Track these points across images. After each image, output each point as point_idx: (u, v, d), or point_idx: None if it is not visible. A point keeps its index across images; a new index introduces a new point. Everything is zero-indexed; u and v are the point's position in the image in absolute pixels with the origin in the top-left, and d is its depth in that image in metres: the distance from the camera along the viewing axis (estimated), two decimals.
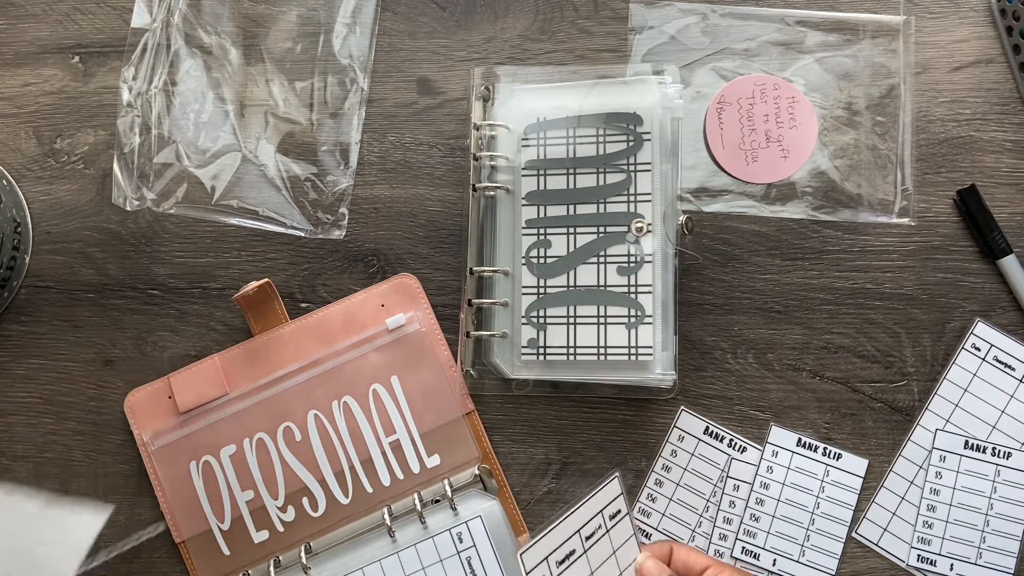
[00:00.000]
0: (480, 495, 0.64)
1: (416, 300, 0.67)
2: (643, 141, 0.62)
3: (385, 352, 0.66)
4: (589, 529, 0.54)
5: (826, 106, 0.64)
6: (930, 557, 0.63)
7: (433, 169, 0.68)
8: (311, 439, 0.65)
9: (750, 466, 0.65)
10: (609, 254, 0.62)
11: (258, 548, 0.65)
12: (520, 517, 0.65)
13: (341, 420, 0.65)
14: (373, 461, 0.65)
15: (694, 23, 0.65)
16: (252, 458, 0.65)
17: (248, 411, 0.65)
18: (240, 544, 0.65)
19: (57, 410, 0.68)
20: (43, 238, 0.70)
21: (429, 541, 0.62)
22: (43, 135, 0.71)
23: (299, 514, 0.65)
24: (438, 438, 0.65)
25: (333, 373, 0.66)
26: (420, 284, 0.67)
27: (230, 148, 0.68)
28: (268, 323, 0.67)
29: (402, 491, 0.65)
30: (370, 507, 0.65)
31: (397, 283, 0.67)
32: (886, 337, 0.65)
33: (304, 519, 0.65)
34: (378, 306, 0.67)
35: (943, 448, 0.64)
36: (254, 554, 0.65)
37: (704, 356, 0.66)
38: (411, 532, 0.63)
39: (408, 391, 0.66)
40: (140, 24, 0.68)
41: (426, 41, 0.69)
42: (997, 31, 0.66)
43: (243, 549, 0.65)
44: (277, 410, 0.66)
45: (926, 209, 0.66)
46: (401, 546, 0.63)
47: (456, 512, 0.63)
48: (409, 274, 0.67)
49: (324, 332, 0.66)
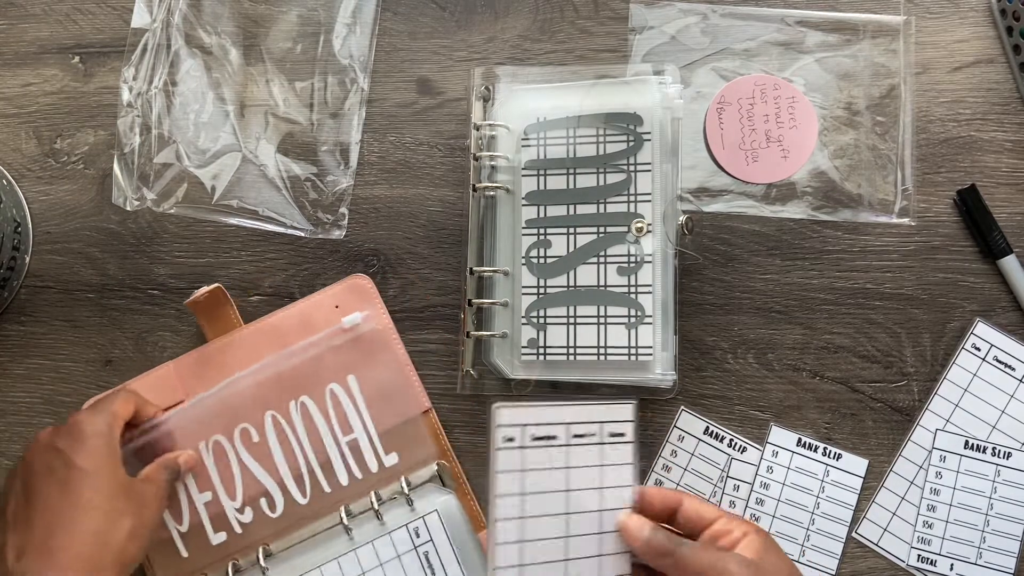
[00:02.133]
0: (437, 490, 0.64)
1: (370, 300, 0.67)
2: (643, 141, 0.62)
3: (342, 352, 0.66)
4: (581, 429, 0.52)
5: (826, 106, 0.64)
6: (930, 557, 0.63)
7: (433, 169, 0.68)
8: (268, 440, 0.65)
9: (750, 466, 0.65)
10: (609, 254, 0.62)
11: (216, 550, 0.64)
12: (480, 513, 0.65)
13: (298, 420, 0.65)
14: (331, 461, 0.65)
15: (694, 23, 0.65)
16: (209, 460, 0.65)
17: (204, 414, 0.65)
18: (198, 546, 0.65)
19: (57, 410, 0.68)
20: (43, 238, 0.70)
21: (386, 537, 0.63)
22: (43, 135, 0.71)
23: (257, 515, 0.65)
24: (396, 437, 0.65)
25: (289, 374, 0.65)
26: (374, 284, 0.67)
27: (230, 148, 0.68)
28: (222, 328, 0.66)
29: (361, 490, 0.65)
30: (328, 507, 0.65)
31: (350, 283, 0.67)
32: (886, 337, 0.65)
33: (262, 520, 0.65)
34: (332, 307, 0.67)
35: (943, 448, 0.64)
36: (213, 556, 0.64)
37: (704, 356, 0.66)
38: (368, 529, 0.63)
39: (365, 390, 0.65)
40: (140, 24, 0.68)
41: (426, 41, 0.69)
42: (997, 31, 0.66)
43: (201, 551, 0.64)
44: (233, 412, 0.65)
45: (926, 209, 0.66)
46: (358, 543, 0.63)
47: (412, 507, 0.63)
48: (362, 275, 0.67)
49: (279, 335, 0.66)
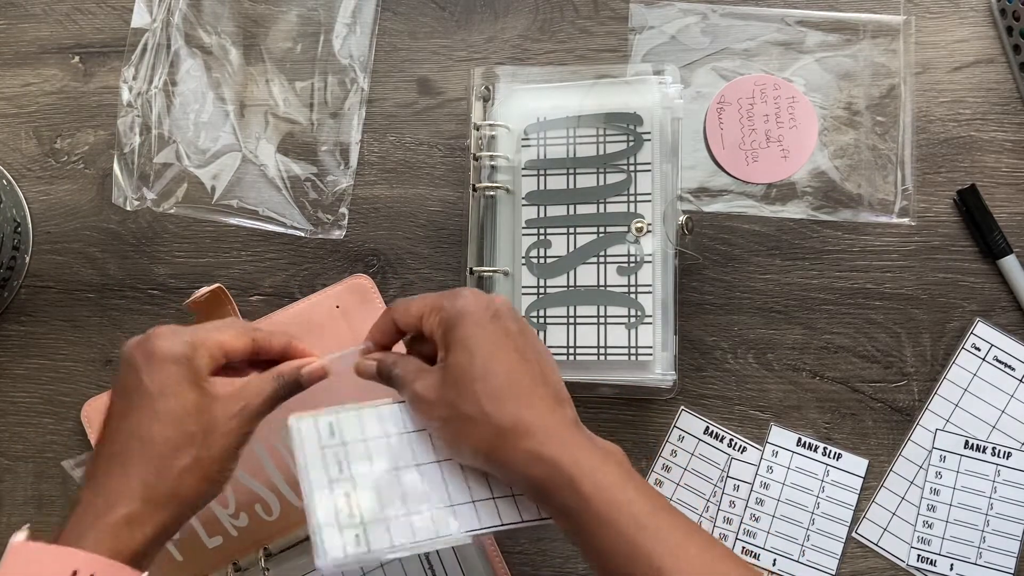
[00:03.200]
0: None
1: (370, 300, 0.66)
2: (643, 141, 0.62)
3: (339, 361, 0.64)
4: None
5: (826, 106, 0.64)
6: (930, 557, 0.63)
7: (433, 169, 0.68)
8: (254, 448, 0.64)
9: (750, 466, 0.65)
10: (609, 254, 0.62)
11: (213, 552, 0.63)
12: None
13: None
14: None
15: (694, 23, 0.65)
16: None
17: None
18: (193, 550, 0.63)
19: (57, 410, 0.68)
20: (43, 238, 0.70)
21: None
22: (43, 135, 0.71)
23: (253, 519, 0.64)
24: None
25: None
26: (374, 284, 0.67)
27: (230, 148, 0.68)
28: None
29: None
30: None
31: (351, 283, 0.67)
32: (886, 337, 0.65)
33: (259, 523, 0.64)
34: (332, 307, 0.66)
35: (943, 448, 0.64)
36: (210, 558, 0.63)
37: (704, 356, 0.66)
38: None
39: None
40: (140, 24, 0.68)
41: (426, 41, 0.69)
42: (997, 31, 0.66)
43: (197, 555, 0.63)
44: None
45: (926, 209, 0.66)
46: None
47: None
48: (363, 275, 0.67)
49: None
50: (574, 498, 0.45)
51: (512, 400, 0.47)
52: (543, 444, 0.46)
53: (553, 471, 0.46)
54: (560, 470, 0.46)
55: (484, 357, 0.48)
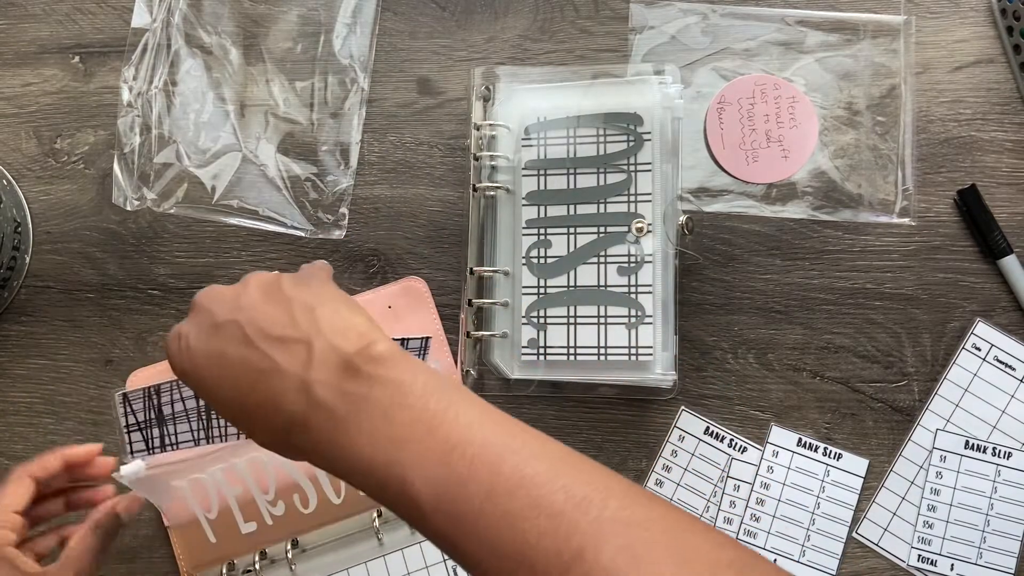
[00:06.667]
0: None
1: (423, 304, 0.67)
2: (643, 141, 0.62)
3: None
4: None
5: (826, 106, 0.64)
6: (930, 557, 0.63)
7: (433, 169, 0.68)
8: None
9: (750, 466, 0.65)
10: (609, 254, 0.62)
11: (245, 539, 0.64)
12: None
13: None
14: None
15: (694, 23, 0.65)
16: (241, 459, 0.65)
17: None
18: (227, 532, 0.64)
19: (57, 410, 0.68)
20: (43, 238, 0.70)
21: (416, 547, 0.63)
22: (43, 135, 0.71)
23: (289, 509, 0.64)
24: None
25: None
26: (428, 288, 0.67)
27: (230, 148, 0.68)
28: None
29: None
30: (361, 508, 0.65)
31: (405, 286, 0.67)
32: (886, 337, 0.65)
33: (294, 514, 0.64)
34: (385, 308, 0.67)
35: (943, 448, 0.64)
36: (242, 544, 0.64)
37: (704, 356, 0.66)
38: (399, 536, 0.64)
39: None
40: (140, 24, 0.68)
41: (426, 41, 0.69)
42: (997, 31, 0.66)
43: (230, 537, 0.64)
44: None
45: (926, 209, 0.66)
46: (388, 549, 0.63)
47: None
48: (418, 277, 0.67)
49: None
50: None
51: (244, 426, 0.43)
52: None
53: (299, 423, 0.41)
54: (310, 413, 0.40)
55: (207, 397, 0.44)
